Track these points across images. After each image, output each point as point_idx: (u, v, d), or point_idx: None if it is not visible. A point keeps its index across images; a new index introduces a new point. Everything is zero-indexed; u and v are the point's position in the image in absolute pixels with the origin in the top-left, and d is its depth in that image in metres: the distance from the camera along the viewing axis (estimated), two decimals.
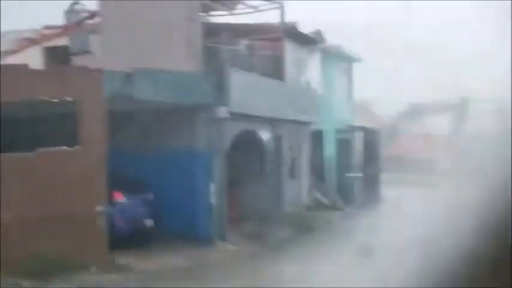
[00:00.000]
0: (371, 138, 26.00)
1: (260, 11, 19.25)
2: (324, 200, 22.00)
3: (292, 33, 19.71)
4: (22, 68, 12.17)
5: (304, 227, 17.59)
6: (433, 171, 44.71)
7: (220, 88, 14.90)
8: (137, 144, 15.13)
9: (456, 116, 52.66)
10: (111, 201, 12.97)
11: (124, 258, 12.21)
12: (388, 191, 28.82)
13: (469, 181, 35.34)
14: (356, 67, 28.65)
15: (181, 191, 14.77)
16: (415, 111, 53.62)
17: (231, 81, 15.12)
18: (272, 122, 18.15)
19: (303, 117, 20.21)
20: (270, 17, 19.30)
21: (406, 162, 45.49)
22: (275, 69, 18.88)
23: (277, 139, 18.64)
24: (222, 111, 14.85)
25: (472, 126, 52.43)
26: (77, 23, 17.12)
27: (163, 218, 14.30)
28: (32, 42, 18.71)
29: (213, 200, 14.85)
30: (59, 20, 17.95)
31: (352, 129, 25.28)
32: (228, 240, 14.99)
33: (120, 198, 13.76)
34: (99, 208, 12.05)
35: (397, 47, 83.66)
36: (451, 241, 16.59)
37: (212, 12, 19.01)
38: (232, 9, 19.20)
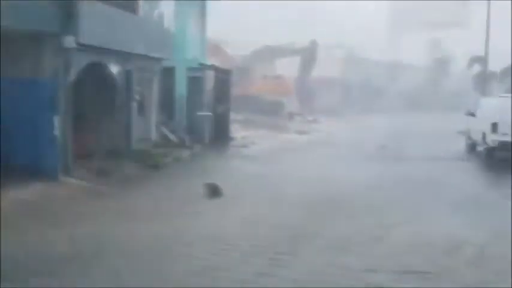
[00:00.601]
0: (222, 78, 26.16)
1: None
2: (173, 138, 21.99)
3: None
4: None
5: (152, 164, 17.52)
6: (281, 112, 46.05)
7: (68, 16, 14.21)
8: None
9: (305, 59, 54.25)
10: None
11: None
12: (237, 131, 29.42)
13: (314, 123, 36.97)
14: (210, 6, 28.53)
15: (23, 122, 14.14)
16: (267, 53, 54.53)
17: (80, 10, 14.45)
18: (122, 56, 17.70)
19: (154, 53, 19.90)
20: None
21: (256, 103, 46.39)
22: (127, 2, 18.30)
23: (127, 74, 18.24)
24: (69, 41, 14.21)
25: (320, 70, 54.47)
26: None
27: (4, 150, 13.67)
28: None
29: (57, 133, 14.34)
30: None
31: (204, 68, 25.27)
32: (74, 175, 14.62)
33: None
34: None
35: None
36: (292, 177, 17.21)
37: None
38: None
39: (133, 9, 18.48)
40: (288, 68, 52.40)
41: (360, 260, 8.77)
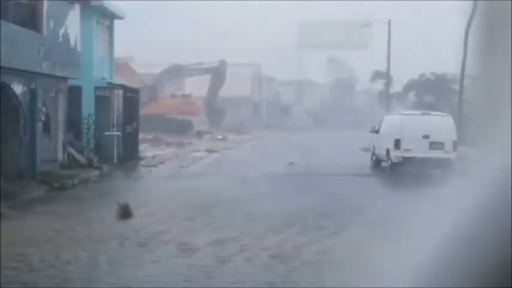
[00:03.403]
0: (131, 97, 25.94)
1: None
2: (81, 158, 21.57)
3: None
4: None
5: (58, 185, 17.11)
6: (190, 131, 46.03)
7: None
8: None
9: (214, 78, 54.58)
10: None
11: None
12: (147, 150, 29.17)
13: (223, 141, 36.96)
14: (118, 25, 28.30)
15: None
16: (176, 72, 54.48)
17: None
18: (26, 75, 17.28)
19: (60, 72, 19.54)
20: None
21: (165, 122, 46.19)
22: (31, 20, 17.93)
23: (32, 93, 17.82)
24: None
25: (228, 89, 54.90)
26: None
27: None
28: None
29: None
30: None
31: (112, 87, 24.97)
32: None
33: None
34: None
35: (160, 8, 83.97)
36: (199, 196, 16.97)
37: None
38: None
39: (37, 28, 18.11)
40: (197, 87, 52.54)
41: None
